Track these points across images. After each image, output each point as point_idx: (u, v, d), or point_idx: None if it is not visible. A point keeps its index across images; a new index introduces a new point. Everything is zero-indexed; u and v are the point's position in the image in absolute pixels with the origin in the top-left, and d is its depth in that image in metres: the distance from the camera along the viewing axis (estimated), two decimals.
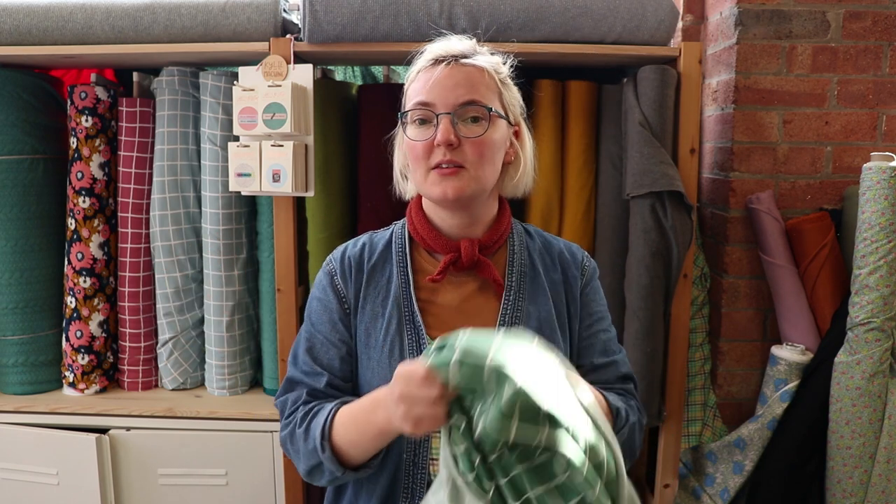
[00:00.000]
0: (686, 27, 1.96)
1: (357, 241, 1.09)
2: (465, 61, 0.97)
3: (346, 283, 1.04)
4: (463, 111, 0.95)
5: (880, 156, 1.51)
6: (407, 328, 1.00)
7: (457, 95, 0.95)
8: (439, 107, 0.95)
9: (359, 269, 1.05)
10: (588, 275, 1.10)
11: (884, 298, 1.48)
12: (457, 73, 0.96)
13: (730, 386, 1.80)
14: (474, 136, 0.95)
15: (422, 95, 0.96)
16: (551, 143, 1.64)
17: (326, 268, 1.07)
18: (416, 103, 0.97)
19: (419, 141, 0.96)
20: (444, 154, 0.94)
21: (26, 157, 1.66)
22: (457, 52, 0.98)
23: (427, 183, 0.97)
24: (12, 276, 1.66)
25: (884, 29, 1.68)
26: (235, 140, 1.57)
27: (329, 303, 1.04)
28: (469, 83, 0.96)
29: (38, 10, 1.55)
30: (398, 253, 1.05)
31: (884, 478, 1.50)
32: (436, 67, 0.97)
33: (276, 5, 1.55)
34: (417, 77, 0.99)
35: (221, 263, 1.66)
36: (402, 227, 1.09)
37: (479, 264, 1.00)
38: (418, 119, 0.97)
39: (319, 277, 1.07)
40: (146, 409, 1.64)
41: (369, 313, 1.02)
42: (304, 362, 1.03)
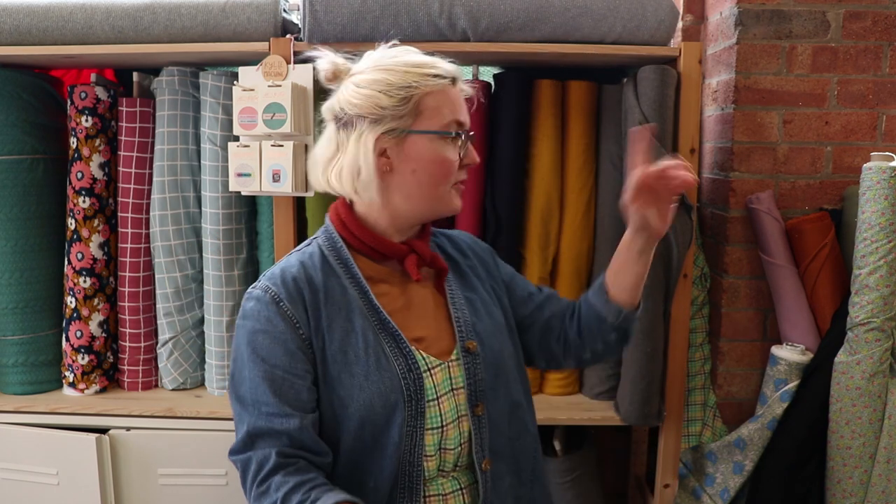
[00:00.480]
0: (686, 27, 1.96)
1: (289, 263, 1.02)
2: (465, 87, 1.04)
3: (297, 308, 0.96)
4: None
5: (880, 156, 1.51)
6: (384, 337, 0.99)
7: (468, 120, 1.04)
8: (466, 128, 1.03)
9: (311, 289, 0.98)
10: (488, 251, 1.20)
11: (884, 298, 1.48)
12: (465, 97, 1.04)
13: (730, 386, 1.80)
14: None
15: (459, 115, 1.01)
16: (551, 143, 1.65)
17: (266, 296, 0.97)
18: (454, 122, 1.00)
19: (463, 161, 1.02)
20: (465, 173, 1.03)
21: (26, 157, 1.66)
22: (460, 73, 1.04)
23: (449, 197, 1.02)
24: (12, 276, 1.66)
25: (884, 29, 1.68)
26: (235, 140, 1.57)
27: (280, 333, 0.95)
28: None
29: (38, 10, 1.55)
30: (340, 265, 1.02)
31: (884, 478, 1.50)
32: (454, 85, 1.02)
33: (276, 5, 1.55)
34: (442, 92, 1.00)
35: (221, 263, 1.66)
36: (329, 237, 1.04)
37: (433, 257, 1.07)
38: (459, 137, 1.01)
39: (257, 309, 0.97)
40: (146, 409, 1.64)
41: (339, 331, 0.97)
42: (267, 405, 0.92)
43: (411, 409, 0.96)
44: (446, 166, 1.00)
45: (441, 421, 0.99)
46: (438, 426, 0.99)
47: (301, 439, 0.92)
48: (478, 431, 1.01)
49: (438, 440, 0.99)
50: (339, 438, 0.96)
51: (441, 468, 1.00)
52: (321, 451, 0.94)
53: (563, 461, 1.76)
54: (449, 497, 1.00)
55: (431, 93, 0.98)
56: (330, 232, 1.05)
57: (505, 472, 1.03)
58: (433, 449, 0.98)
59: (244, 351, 0.96)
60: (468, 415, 1.01)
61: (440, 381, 1.00)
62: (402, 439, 0.96)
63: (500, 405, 1.04)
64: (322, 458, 0.94)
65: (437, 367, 1.00)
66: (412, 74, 0.97)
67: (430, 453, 0.98)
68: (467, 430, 1.01)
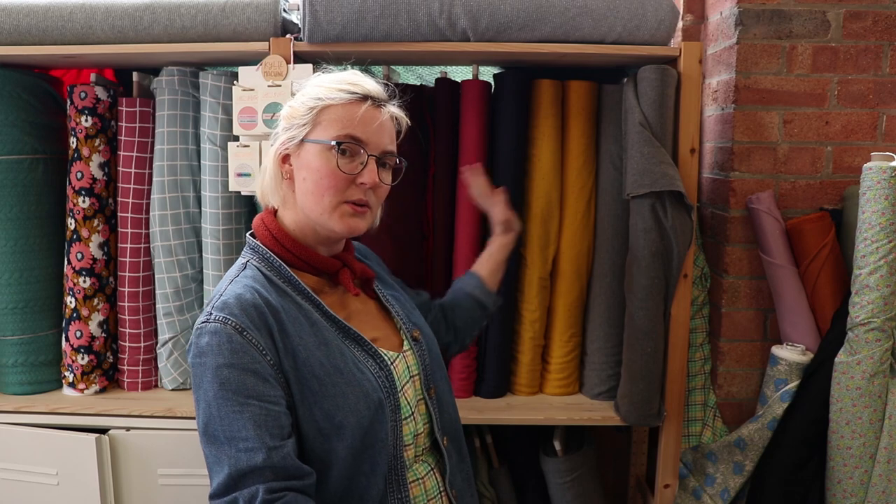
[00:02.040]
0: (686, 27, 1.96)
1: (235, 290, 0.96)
2: (391, 110, 1.04)
3: (262, 335, 0.93)
4: (385, 158, 1.04)
5: (881, 156, 1.50)
6: (349, 342, 1.02)
7: (384, 143, 1.03)
8: (371, 147, 1.01)
9: (272, 312, 0.95)
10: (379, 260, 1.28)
11: (884, 298, 1.47)
12: (387, 122, 1.03)
13: (730, 386, 1.80)
14: (387, 183, 1.05)
15: (355, 130, 0.99)
16: (551, 143, 1.64)
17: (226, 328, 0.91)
18: (348, 136, 0.99)
19: (348, 174, 0.99)
20: (365, 193, 1.01)
21: (26, 157, 1.66)
22: (385, 95, 1.04)
23: (335, 214, 1.00)
24: (12, 276, 1.66)
25: (884, 29, 1.68)
26: (235, 140, 1.57)
27: (248, 363, 0.91)
28: (391, 133, 1.05)
29: (38, 9, 1.55)
30: (286, 283, 1.01)
31: (884, 478, 1.50)
32: (370, 108, 1.01)
33: (276, 5, 1.55)
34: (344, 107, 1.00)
35: (221, 263, 1.66)
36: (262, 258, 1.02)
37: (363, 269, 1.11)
38: (349, 151, 1.00)
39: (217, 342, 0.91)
40: (146, 410, 1.64)
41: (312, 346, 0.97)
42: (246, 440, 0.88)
43: (391, 404, 1.00)
44: (329, 178, 0.98)
45: (411, 409, 1.05)
46: (410, 414, 1.05)
47: (285, 468, 0.89)
48: (436, 412, 1.09)
49: (413, 428, 1.05)
50: (331, 450, 0.96)
51: (416, 454, 1.06)
52: (304, 473, 0.91)
53: (563, 461, 1.76)
54: (426, 479, 1.06)
55: (333, 106, 1.00)
56: (262, 252, 1.03)
57: (453, 450, 1.12)
58: (410, 437, 1.04)
59: (210, 389, 0.91)
60: (424, 398, 1.08)
61: (401, 371, 1.06)
62: (389, 435, 0.99)
63: (443, 385, 1.14)
64: (307, 480, 0.91)
65: (396, 359, 1.06)
66: (324, 88, 1.02)
67: (408, 442, 1.04)
68: (425, 412, 1.08)
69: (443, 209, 1.68)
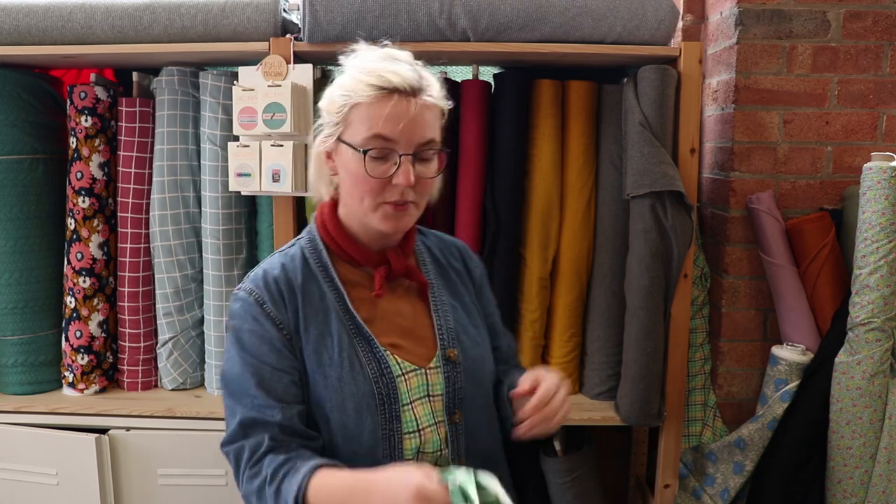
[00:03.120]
0: (686, 27, 1.96)
1: (271, 263, 1.04)
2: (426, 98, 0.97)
3: (279, 309, 0.99)
4: (421, 151, 0.97)
5: (881, 156, 1.50)
6: (358, 342, 1.00)
7: (419, 136, 0.96)
8: (402, 146, 0.95)
9: (290, 291, 1.00)
10: (480, 265, 1.20)
11: (884, 298, 1.47)
12: (419, 112, 0.95)
13: (730, 386, 1.80)
14: (429, 176, 0.99)
15: (383, 129, 0.94)
16: (551, 143, 1.64)
17: (250, 298, 1.00)
18: (377, 136, 0.94)
19: (379, 179, 0.96)
20: (403, 194, 0.96)
21: (26, 157, 1.66)
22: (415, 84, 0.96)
23: (376, 215, 0.98)
24: (12, 276, 1.66)
25: (884, 29, 1.68)
26: (235, 140, 1.57)
27: (266, 332, 0.98)
28: (427, 122, 0.97)
29: (38, 9, 1.55)
30: (320, 269, 1.03)
31: (884, 478, 1.50)
32: (399, 102, 0.94)
33: (276, 5, 1.55)
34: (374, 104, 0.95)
35: (221, 263, 1.66)
36: (312, 238, 1.06)
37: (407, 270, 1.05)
38: (376, 153, 0.95)
39: (243, 309, 1.00)
40: (146, 410, 1.64)
41: (314, 334, 0.99)
42: (257, 397, 0.96)
43: (384, 413, 0.98)
44: (363, 183, 0.96)
45: (417, 425, 1.00)
46: (415, 430, 1.00)
47: (292, 427, 0.96)
48: (454, 438, 1.03)
49: (417, 444, 1.00)
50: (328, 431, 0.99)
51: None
52: (311, 436, 0.98)
53: (563, 461, 1.76)
54: None
55: (361, 104, 0.96)
56: (312, 235, 1.06)
57: None
58: (411, 453, 1.00)
59: (232, 348, 1.00)
60: (445, 421, 1.02)
61: (414, 386, 1.01)
62: (380, 443, 0.98)
63: (478, 414, 1.06)
64: (315, 442, 0.98)
65: (412, 372, 1.02)
66: (356, 81, 0.97)
67: (408, 457, 1.00)
68: (444, 437, 1.02)
69: (442, 210, 1.68)
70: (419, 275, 1.07)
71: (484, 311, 1.17)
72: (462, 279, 1.14)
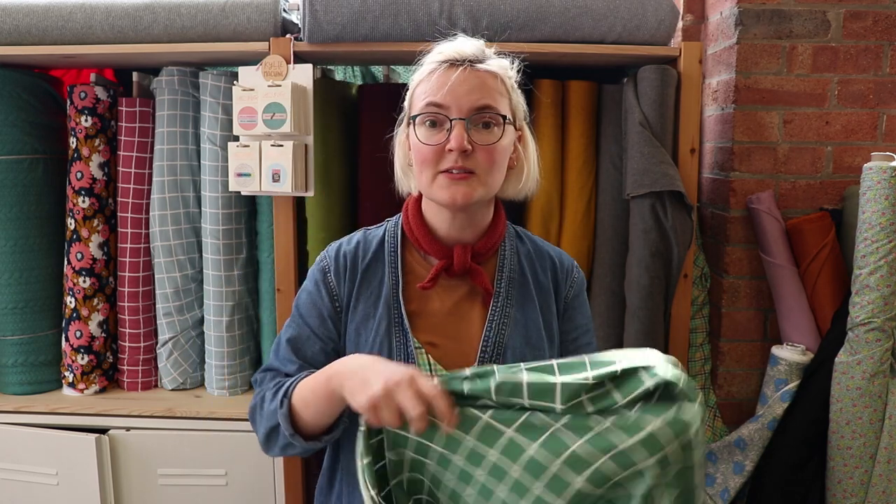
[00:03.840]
0: (686, 27, 1.96)
1: (352, 238, 1.08)
2: (480, 66, 0.96)
3: (339, 282, 1.03)
4: (477, 117, 0.94)
5: (881, 155, 1.50)
6: (395, 332, 1.00)
7: (472, 100, 0.94)
8: (454, 111, 0.94)
9: (353, 268, 1.04)
10: (577, 286, 1.10)
11: (884, 298, 1.47)
12: (472, 78, 0.94)
13: (730, 386, 1.80)
14: (488, 143, 0.95)
15: (435, 97, 0.94)
16: (551, 143, 1.64)
17: (321, 263, 1.06)
18: (428, 104, 0.95)
19: (430, 145, 0.94)
20: (456, 160, 0.93)
21: (26, 157, 1.66)
22: (470, 54, 0.96)
23: (435, 186, 0.96)
24: (12, 276, 1.66)
25: (884, 29, 1.68)
26: (235, 140, 1.57)
27: (320, 298, 1.04)
28: (483, 88, 0.95)
29: (38, 9, 1.55)
30: (390, 253, 1.04)
31: (884, 478, 1.50)
32: (449, 70, 0.95)
33: (276, 5, 1.55)
34: (428, 78, 0.96)
35: (221, 263, 1.66)
36: (395, 224, 1.08)
37: (470, 271, 1.01)
38: (429, 121, 0.95)
39: (313, 271, 1.06)
40: (146, 410, 1.64)
41: (361, 313, 1.02)
42: (286, 352, 1.02)
43: None
44: (420, 153, 0.96)
45: None
46: None
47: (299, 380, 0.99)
48: None
49: None
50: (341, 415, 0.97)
51: None
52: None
53: None
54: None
55: (421, 81, 0.98)
56: (399, 219, 1.08)
57: None
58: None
59: (295, 302, 1.08)
60: None
61: None
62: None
63: None
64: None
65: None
66: (422, 65, 0.99)
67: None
68: None
69: None
70: (483, 279, 1.01)
71: (566, 336, 1.08)
72: (543, 295, 1.06)
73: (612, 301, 1.69)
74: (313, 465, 1.70)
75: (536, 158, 1.08)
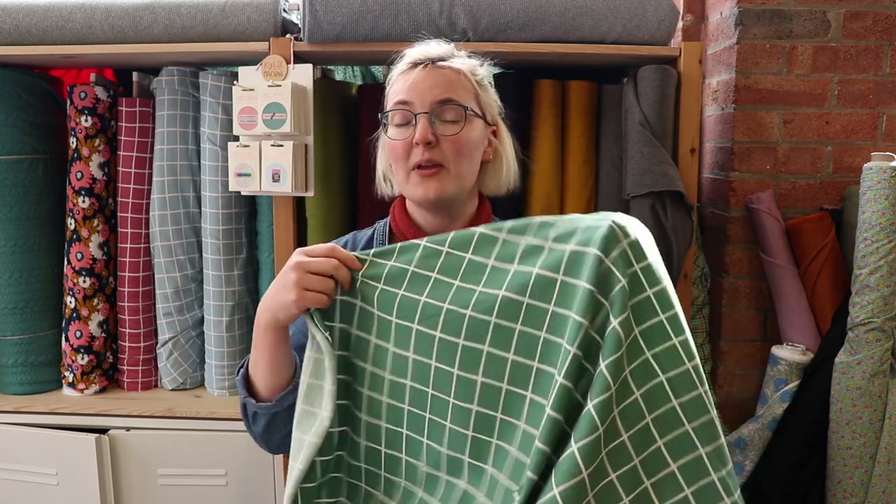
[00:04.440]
0: (686, 27, 1.96)
1: (341, 240, 1.12)
2: (443, 64, 1.02)
3: None
4: (440, 110, 0.99)
5: (881, 155, 1.50)
6: None
7: (434, 95, 0.99)
8: (417, 106, 0.99)
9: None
10: None
11: (884, 298, 1.47)
12: (434, 75, 1.00)
13: (730, 386, 1.80)
14: (451, 133, 0.99)
15: (400, 95, 1.00)
16: (551, 143, 1.64)
17: None
18: (395, 103, 1.00)
19: (399, 140, 1.00)
20: (423, 153, 0.98)
21: (26, 157, 1.66)
22: (434, 55, 1.02)
23: (409, 184, 1.00)
24: (12, 276, 1.66)
25: (884, 29, 1.68)
26: (235, 140, 1.57)
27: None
28: (446, 84, 1.00)
29: (38, 9, 1.55)
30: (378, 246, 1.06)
31: (884, 478, 1.50)
32: (414, 70, 1.01)
33: (276, 5, 1.55)
34: (397, 80, 1.02)
35: (221, 263, 1.66)
36: (385, 224, 1.11)
37: None
38: (398, 120, 1.00)
39: None
40: (146, 410, 1.64)
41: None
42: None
43: None
44: (392, 151, 1.02)
45: None
46: None
47: None
48: None
49: None
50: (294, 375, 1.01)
51: None
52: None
53: None
54: None
55: (395, 82, 1.03)
56: (388, 219, 1.11)
57: None
58: None
59: None
60: None
61: None
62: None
63: None
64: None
65: None
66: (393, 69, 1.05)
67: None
68: None
69: None
70: None
71: None
72: None
73: None
74: None
75: (514, 153, 1.12)
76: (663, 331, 0.72)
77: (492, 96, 1.07)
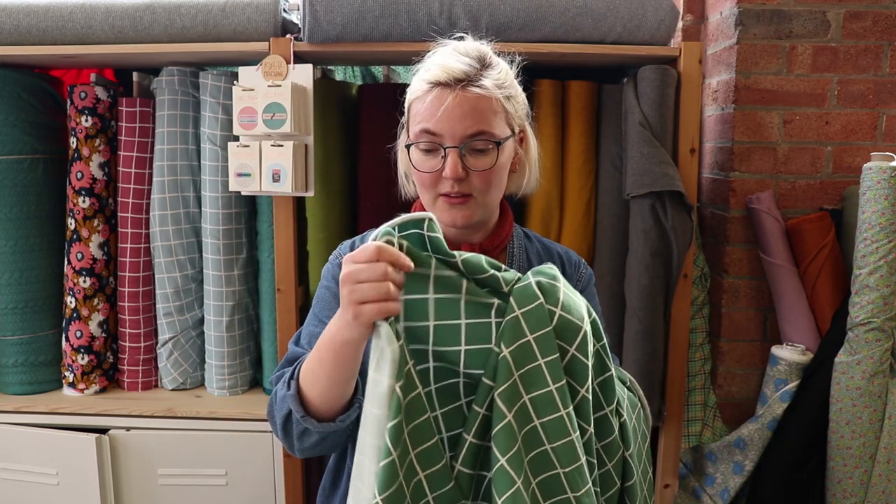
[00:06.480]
0: (686, 27, 1.96)
1: (365, 236, 1.09)
2: (473, 89, 0.94)
3: None
4: (471, 143, 0.95)
5: (880, 156, 1.50)
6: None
7: (465, 127, 0.94)
8: (447, 139, 0.94)
9: None
10: (585, 279, 1.13)
11: (884, 298, 1.47)
12: (464, 104, 0.94)
13: (730, 386, 1.80)
14: (483, 168, 0.96)
15: (428, 124, 0.95)
16: (551, 143, 1.64)
17: (335, 260, 1.07)
18: (422, 130, 0.95)
19: (426, 172, 0.97)
20: (452, 186, 0.95)
21: (26, 157, 1.66)
22: (461, 75, 0.94)
23: (435, 208, 0.99)
24: (12, 276, 1.66)
25: (884, 29, 1.68)
26: (235, 140, 1.57)
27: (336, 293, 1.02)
28: (476, 113, 0.94)
29: (38, 9, 1.55)
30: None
31: (884, 478, 1.50)
32: (442, 94, 0.94)
33: (276, 5, 1.55)
34: (423, 98, 0.96)
35: (221, 263, 1.66)
36: None
37: None
38: (424, 146, 0.96)
39: (328, 268, 1.06)
40: (146, 410, 1.64)
41: None
42: (301, 344, 1.03)
43: None
44: (419, 177, 0.99)
45: None
46: None
47: None
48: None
49: None
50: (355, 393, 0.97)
51: None
52: None
53: None
54: None
55: (416, 99, 0.97)
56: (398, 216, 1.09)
57: None
58: None
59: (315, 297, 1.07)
60: None
61: None
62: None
63: None
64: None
65: None
66: (416, 78, 0.99)
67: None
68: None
69: None
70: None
71: None
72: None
73: (612, 301, 1.69)
74: (313, 466, 1.70)
75: (538, 157, 1.09)
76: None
77: (519, 101, 1.02)
